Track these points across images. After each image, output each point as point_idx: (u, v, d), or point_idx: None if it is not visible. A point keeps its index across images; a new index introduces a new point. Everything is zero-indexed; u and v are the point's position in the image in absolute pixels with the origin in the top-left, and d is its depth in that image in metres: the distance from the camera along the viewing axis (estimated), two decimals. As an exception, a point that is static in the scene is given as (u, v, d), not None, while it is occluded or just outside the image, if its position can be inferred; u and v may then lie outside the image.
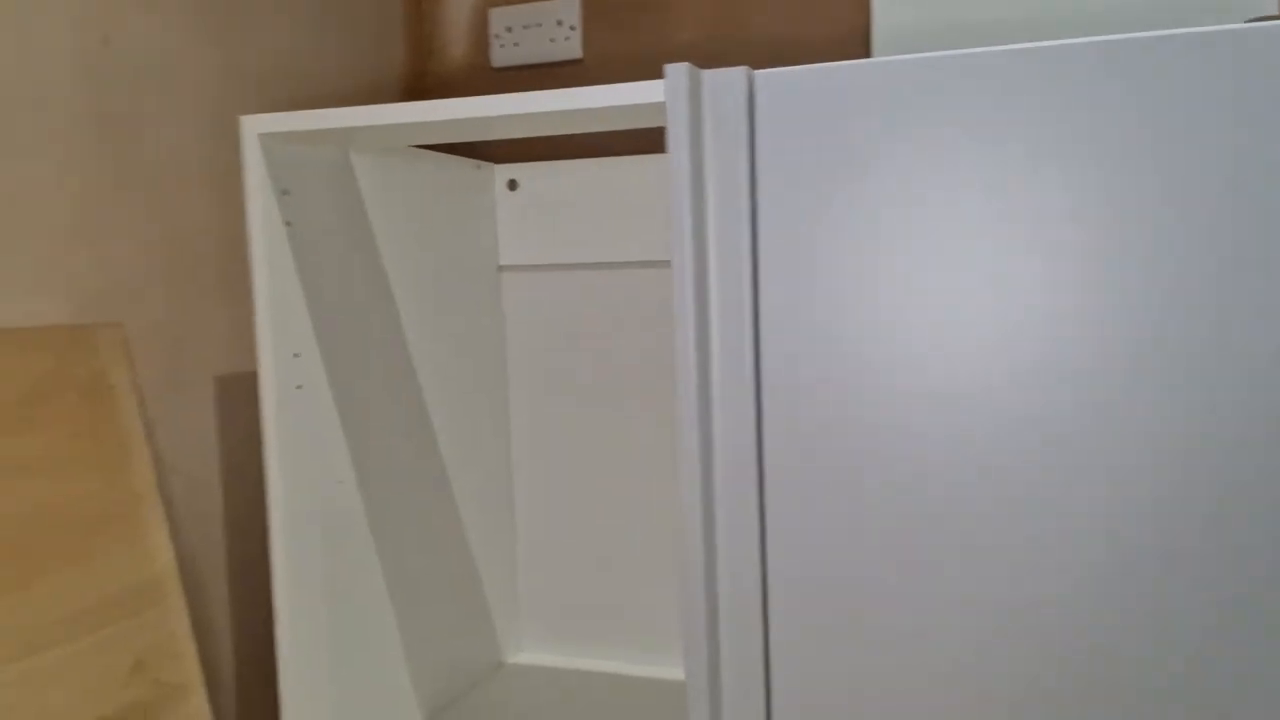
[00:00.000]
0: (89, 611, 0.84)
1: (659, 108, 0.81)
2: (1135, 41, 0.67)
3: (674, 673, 1.29)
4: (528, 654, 1.36)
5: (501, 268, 1.34)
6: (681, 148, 0.74)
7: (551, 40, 1.37)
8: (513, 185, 1.33)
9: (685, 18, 1.31)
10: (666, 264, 1.29)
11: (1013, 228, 0.71)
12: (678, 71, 0.73)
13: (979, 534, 0.73)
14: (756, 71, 0.75)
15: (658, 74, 1.33)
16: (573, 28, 1.36)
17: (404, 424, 1.11)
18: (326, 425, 0.99)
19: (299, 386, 0.95)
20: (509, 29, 1.38)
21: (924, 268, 0.72)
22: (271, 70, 1.13)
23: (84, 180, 0.91)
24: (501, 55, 1.39)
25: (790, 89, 0.74)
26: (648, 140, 1.33)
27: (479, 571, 1.26)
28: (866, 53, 1.23)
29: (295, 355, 0.95)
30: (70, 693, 0.82)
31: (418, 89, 1.42)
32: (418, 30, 1.42)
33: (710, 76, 0.75)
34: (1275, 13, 0.80)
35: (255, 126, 0.90)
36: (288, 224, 0.93)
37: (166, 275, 0.99)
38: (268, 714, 1.11)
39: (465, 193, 1.26)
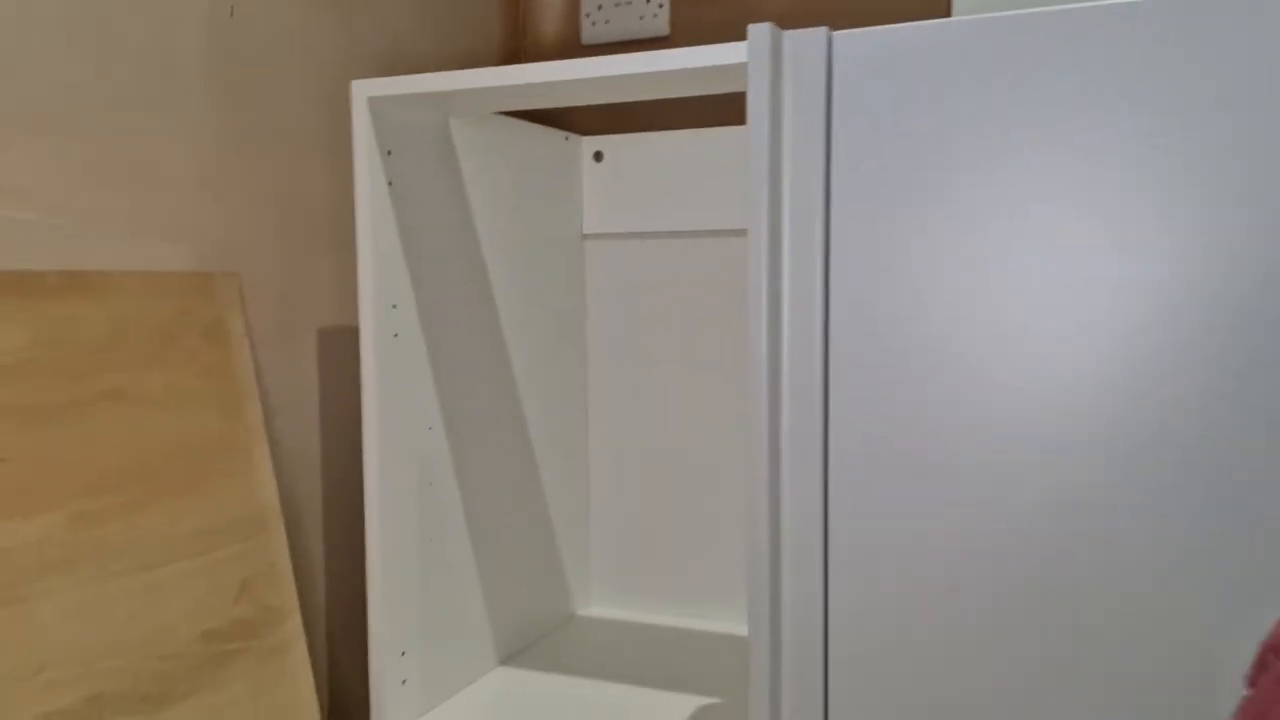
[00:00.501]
0: (204, 534, 0.92)
1: (741, 69, 0.84)
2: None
3: (737, 628, 1.33)
4: (597, 607, 1.41)
5: (585, 236, 1.39)
6: (762, 103, 0.77)
7: (640, 18, 1.41)
8: (598, 156, 1.38)
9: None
10: (744, 233, 1.32)
11: (1107, 205, 0.72)
12: (760, 31, 0.77)
13: (1053, 521, 0.74)
14: (835, 32, 0.78)
15: (742, 50, 1.36)
16: (661, 5, 1.40)
17: (489, 377, 1.17)
18: (419, 373, 1.05)
19: (395, 335, 1.01)
20: (600, 7, 1.43)
21: (1001, 247, 0.74)
22: (380, 42, 1.20)
23: (210, 139, 0.99)
24: (592, 33, 1.44)
25: (869, 49, 0.77)
26: (728, 112, 1.37)
27: (553, 524, 1.31)
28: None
29: (393, 306, 1.01)
30: (185, 606, 0.89)
31: (511, 63, 1.47)
32: (513, 8, 1.48)
33: (791, 36, 0.78)
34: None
35: (365, 90, 0.96)
36: (390, 183, 0.99)
37: (280, 230, 1.07)
38: (355, 642, 1.18)
39: (553, 162, 1.31)
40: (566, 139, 1.35)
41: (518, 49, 1.49)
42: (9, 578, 0.76)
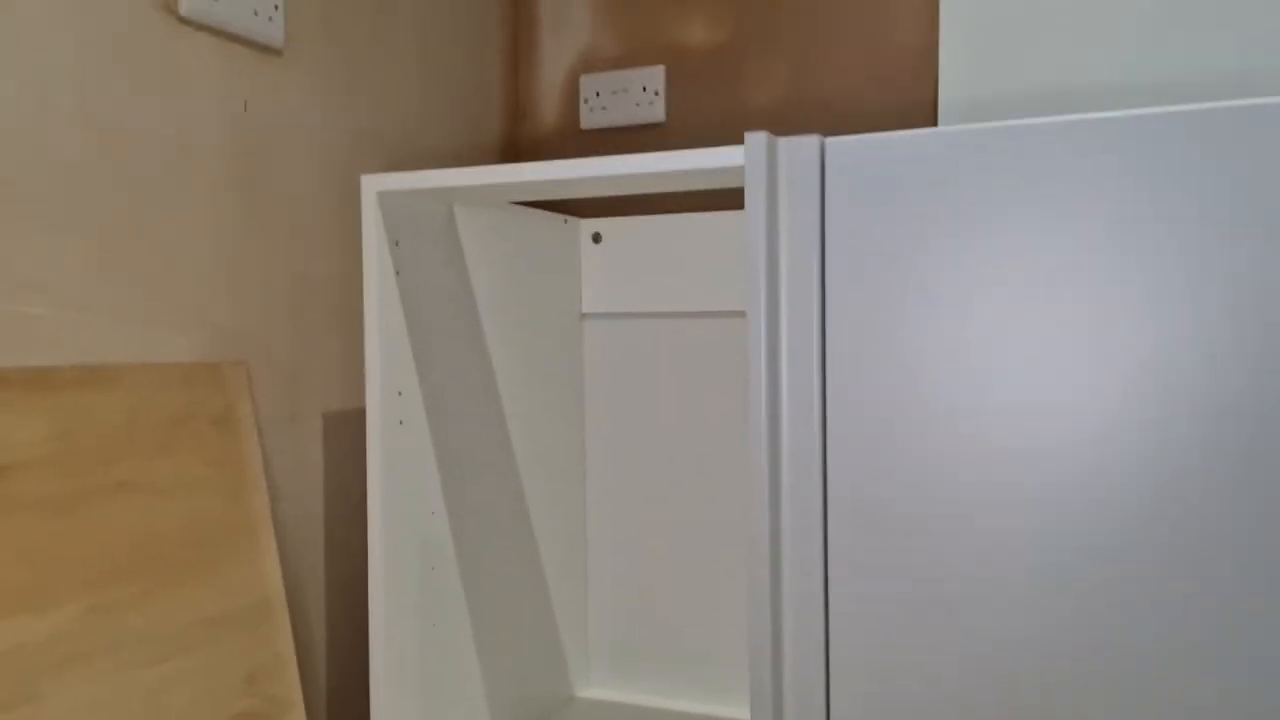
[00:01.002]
0: (213, 623, 0.93)
1: (738, 171, 0.88)
2: (1212, 112, 0.72)
3: (739, 711, 1.33)
4: (597, 689, 1.41)
5: (584, 315, 1.42)
6: (758, 209, 0.81)
7: (637, 105, 1.46)
8: (597, 238, 1.42)
9: (761, 84, 1.38)
10: (739, 314, 1.35)
11: (1072, 299, 0.75)
12: (756, 140, 0.80)
13: (1055, 597, 0.76)
14: (827, 139, 0.81)
15: (736, 137, 1.40)
16: (657, 93, 1.45)
17: (491, 461, 1.19)
18: (423, 458, 1.07)
19: (401, 422, 1.03)
20: (597, 94, 1.48)
21: (984, 335, 0.77)
22: (386, 130, 1.24)
23: (222, 229, 1.01)
24: (590, 118, 1.49)
25: (859, 155, 0.80)
26: (724, 197, 1.41)
27: (553, 606, 1.32)
28: (933, 120, 1.29)
29: (399, 393, 1.03)
30: (194, 698, 0.90)
31: (512, 148, 1.52)
32: (513, 95, 1.53)
33: (785, 144, 0.82)
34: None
35: (374, 185, 0.99)
36: (397, 273, 1.02)
37: (288, 316, 1.09)
38: (358, 731, 1.18)
39: (553, 244, 1.34)
40: (565, 222, 1.38)
41: (517, 133, 1.53)
42: (25, 674, 0.77)
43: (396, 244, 1.02)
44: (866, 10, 1.33)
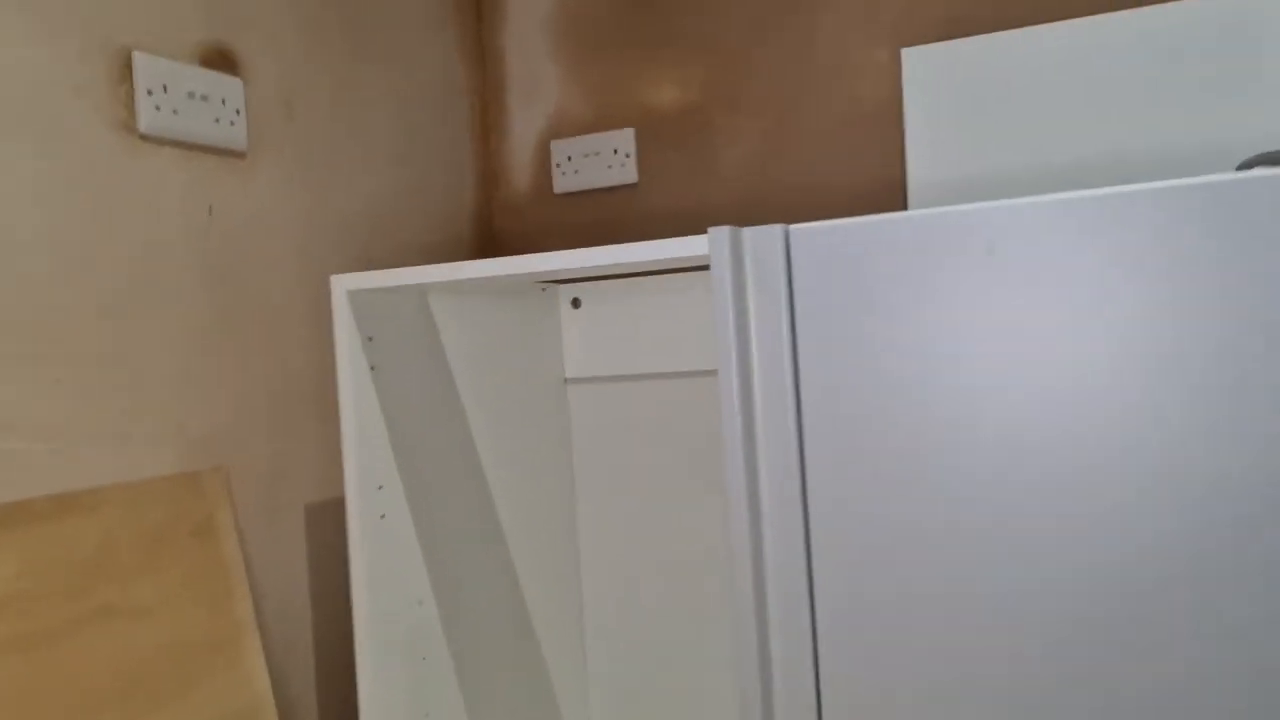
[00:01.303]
0: (198, 737, 0.92)
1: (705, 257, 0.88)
2: (1174, 190, 0.72)
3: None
4: (603, 757, 1.40)
5: (568, 380, 1.42)
6: (725, 301, 0.80)
7: (609, 167, 1.46)
8: (576, 303, 1.41)
9: (732, 143, 1.38)
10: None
11: (1030, 377, 0.75)
12: (719, 235, 0.80)
13: (1029, 657, 0.76)
14: (792, 228, 0.81)
15: (709, 198, 1.40)
16: (628, 155, 1.45)
17: (480, 541, 1.18)
18: (407, 551, 1.06)
19: (382, 516, 1.02)
20: (569, 158, 1.48)
21: (950, 409, 0.77)
22: (358, 216, 1.23)
23: (195, 337, 1.01)
24: (563, 182, 1.49)
25: (823, 243, 0.80)
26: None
27: (552, 687, 1.31)
28: (903, 187, 1.29)
29: (379, 488, 1.03)
30: (182, 815, 0.89)
31: (486, 215, 1.52)
32: (486, 163, 1.53)
33: (751, 235, 0.82)
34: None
35: (344, 285, 0.99)
36: (372, 368, 1.02)
37: (266, 414, 1.09)
38: (358, 824, 1.17)
39: (533, 312, 1.34)
40: (544, 289, 1.38)
41: (490, 198, 1.53)
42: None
43: (370, 340, 1.02)
44: (834, 71, 1.33)
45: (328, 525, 1.16)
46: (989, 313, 0.76)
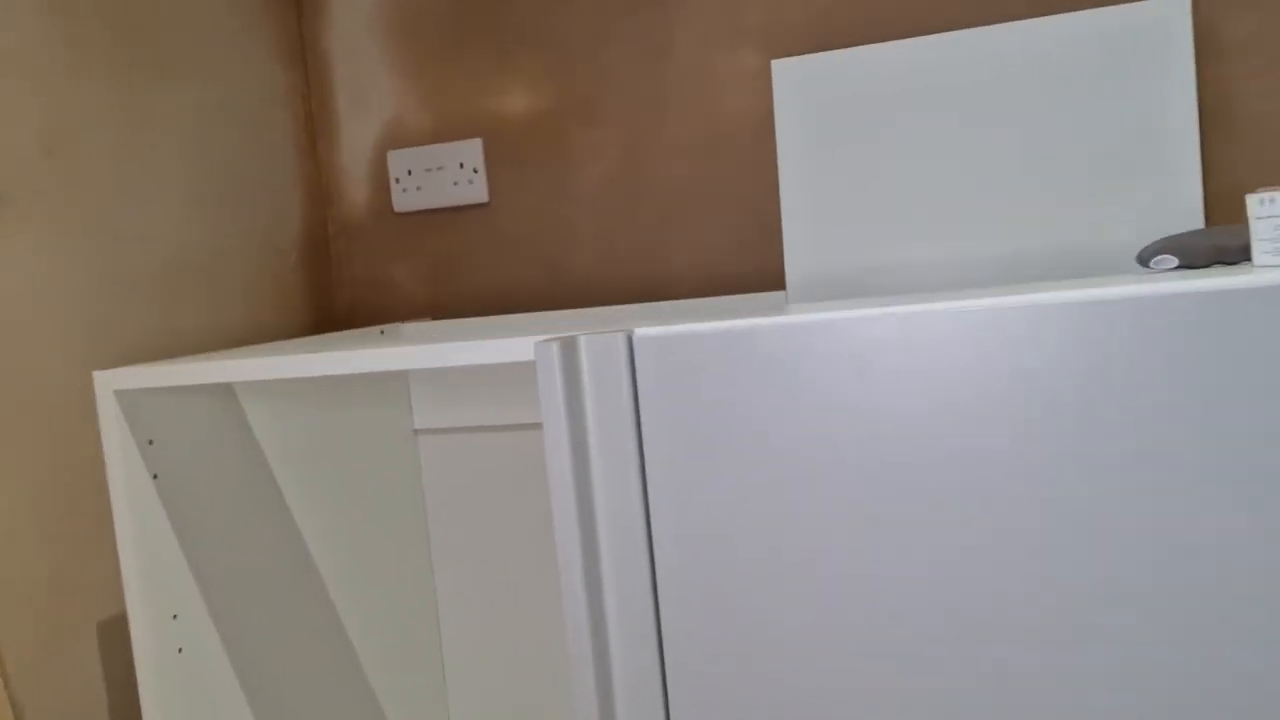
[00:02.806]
0: None
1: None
2: (1046, 303, 0.61)
3: None
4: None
5: (417, 431, 1.27)
6: (559, 428, 0.67)
7: (455, 184, 1.29)
8: (423, 344, 1.26)
9: (591, 160, 1.24)
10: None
11: (894, 481, 0.64)
12: (546, 351, 0.66)
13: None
14: (637, 334, 0.68)
15: (569, 221, 1.25)
16: (476, 170, 1.28)
17: (317, 649, 1.04)
18: (216, 689, 0.91)
19: (180, 650, 0.87)
20: (409, 172, 1.31)
21: (809, 520, 0.66)
22: (151, 260, 1.04)
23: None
24: (404, 200, 1.32)
25: (673, 352, 0.67)
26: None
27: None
28: (777, 208, 1.17)
29: (174, 617, 0.87)
30: None
31: (319, 237, 1.34)
32: (315, 179, 1.34)
33: (589, 342, 0.68)
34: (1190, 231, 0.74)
35: (110, 383, 0.82)
36: (155, 476, 0.85)
37: (39, 521, 0.91)
38: None
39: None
40: (382, 333, 1.22)
41: (324, 219, 1.35)
42: None
43: (151, 443, 0.85)
44: (698, 81, 1.19)
45: (126, 642, 1.00)
46: (857, 425, 0.65)
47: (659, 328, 0.68)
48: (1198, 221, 0.98)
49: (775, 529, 0.67)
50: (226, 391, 0.95)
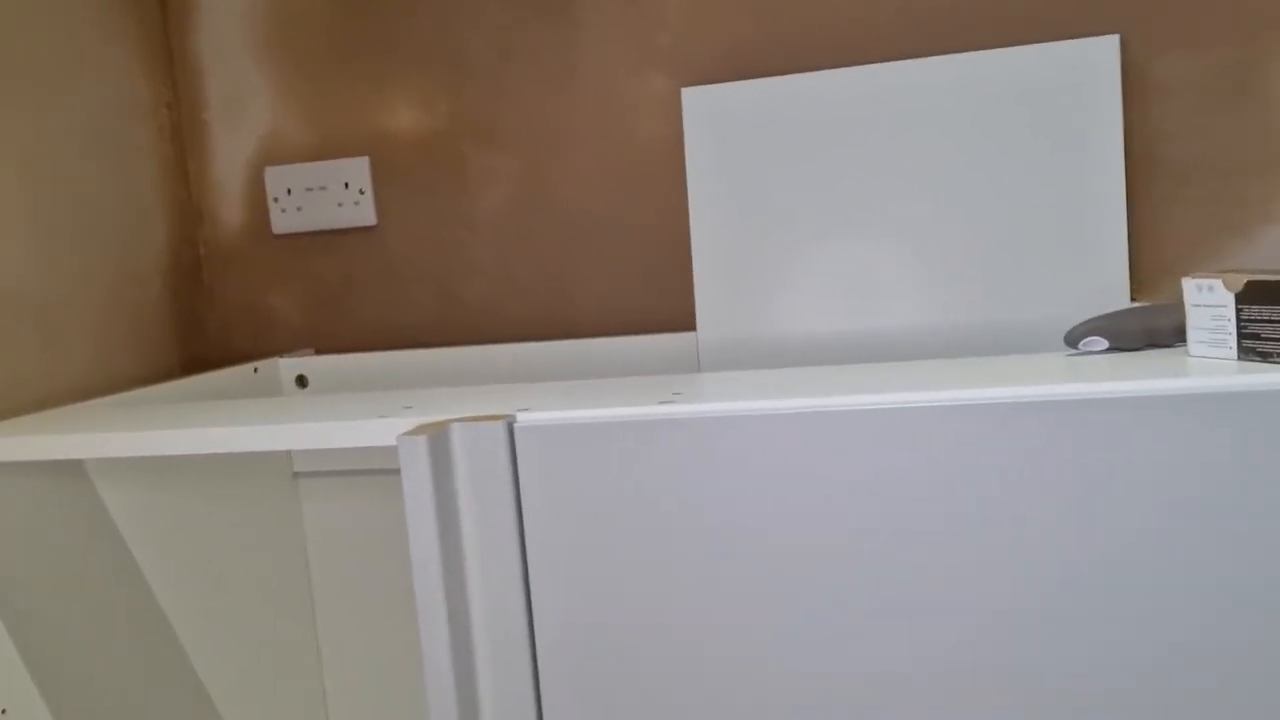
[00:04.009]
0: None
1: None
2: (951, 404, 0.55)
3: None
4: None
5: (297, 475, 1.17)
6: (427, 527, 0.59)
7: (340, 205, 1.19)
8: (302, 381, 1.16)
9: (488, 183, 1.15)
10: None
11: (781, 576, 0.58)
12: (412, 446, 0.58)
13: None
14: (517, 423, 0.60)
15: (464, 247, 1.16)
16: (362, 191, 1.18)
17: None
18: (52, 784, 0.80)
19: (4, 757, 0.76)
20: (288, 191, 1.20)
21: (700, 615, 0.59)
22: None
23: None
24: (283, 221, 1.21)
25: (557, 444, 0.60)
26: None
27: None
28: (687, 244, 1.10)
29: (2, 712, 0.76)
30: None
31: (190, 262, 1.22)
32: (183, 197, 1.22)
33: (461, 432, 0.60)
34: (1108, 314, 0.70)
35: (-93, 459, 0.70)
36: (-29, 562, 0.74)
37: None
38: None
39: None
40: (255, 370, 1.11)
41: (194, 239, 1.23)
42: None
43: (-36, 525, 0.74)
44: (603, 101, 1.11)
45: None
46: (747, 517, 0.58)
47: (543, 415, 0.60)
48: (1123, 275, 0.94)
49: (663, 619, 0.60)
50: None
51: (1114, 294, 0.94)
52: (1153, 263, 0.99)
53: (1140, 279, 0.98)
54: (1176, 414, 0.52)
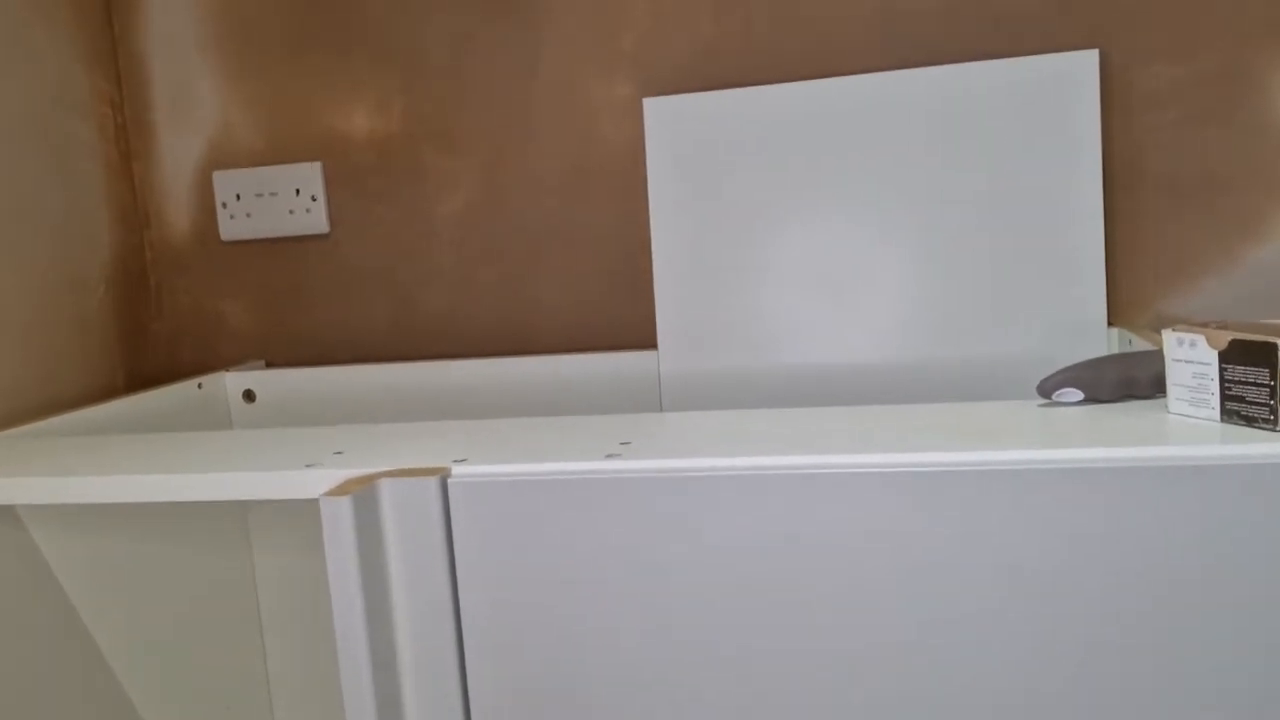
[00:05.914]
0: None
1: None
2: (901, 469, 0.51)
3: None
4: None
5: (246, 504, 1.12)
6: (349, 586, 0.55)
7: (291, 211, 1.14)
8: (249, 396, 1.11)
9: (446, 189, 1.10)
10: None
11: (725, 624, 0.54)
12: (336, 508, 0.53)
13: None
14: (451, 479, 0.56)
15: (421, 255, 1.11)
16: (314, 198, 1.13)
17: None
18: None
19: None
20: (237, 197, 1.15)
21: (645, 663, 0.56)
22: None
23: None
24: (231, 228, 1.15)
25: (488, 497, 0.55)
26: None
27: None
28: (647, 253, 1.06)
29: (-91, 766, 0.72)
30: None
31: (135, 267, 1.16)
32: (128, 199, 1.16)
33: (390, 488, 0.56)
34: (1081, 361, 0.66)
35: None
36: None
37: None
38: None
39: (190, 417, 1.03)
40: (200, 386, 1.06)
41: (139, 245, 1.18)
42: None
43: None
44: (565, 103, 1.06)
45: None
46: (692, 579, 0.54)
47: (479, 468, 0.56)
48: (1100, 292, 0.91)
49: (605, 687, 0.56)
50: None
51: (1091, 310, 0.90)
52: (1131, 281, 0.95)
53: (1118, 299, 0.95)
54: (1157, 485, 0.48)
